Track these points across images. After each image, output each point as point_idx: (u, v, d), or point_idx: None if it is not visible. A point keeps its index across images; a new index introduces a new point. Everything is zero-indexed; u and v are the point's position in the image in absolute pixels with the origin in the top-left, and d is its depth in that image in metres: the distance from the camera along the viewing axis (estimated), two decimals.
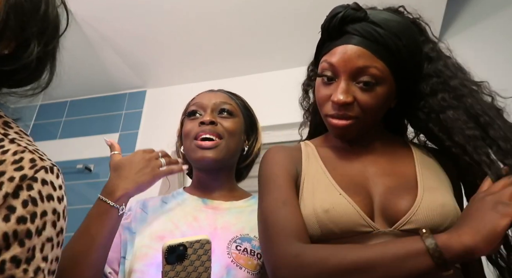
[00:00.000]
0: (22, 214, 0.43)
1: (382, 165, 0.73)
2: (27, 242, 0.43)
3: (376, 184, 0.69)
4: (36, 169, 0.46)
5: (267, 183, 0.73)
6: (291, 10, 1.84)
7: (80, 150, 2.31)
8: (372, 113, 0.70)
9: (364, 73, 0.67)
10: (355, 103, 0.68)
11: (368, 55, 0.67)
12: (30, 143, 0.50)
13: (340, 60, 0.68)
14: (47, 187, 0.47)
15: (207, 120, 0.87)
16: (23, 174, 0.44)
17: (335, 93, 0.68)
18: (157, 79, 2.37)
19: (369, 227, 0.62)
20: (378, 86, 0.68)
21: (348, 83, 0.68)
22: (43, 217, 0.45)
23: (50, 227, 0.46)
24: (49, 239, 0.46)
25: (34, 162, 0.46)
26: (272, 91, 2.17)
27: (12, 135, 0.50)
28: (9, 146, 0.47)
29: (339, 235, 0.62)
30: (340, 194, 0.65)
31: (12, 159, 0.45)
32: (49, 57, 0.56)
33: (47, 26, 0.53)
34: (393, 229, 0.62)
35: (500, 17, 1.87)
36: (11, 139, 0.48)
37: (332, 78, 0.70)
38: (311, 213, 0.65)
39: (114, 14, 1.88)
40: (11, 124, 0.52)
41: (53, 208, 0.47)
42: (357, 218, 0.62)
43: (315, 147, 0.79)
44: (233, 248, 0.78)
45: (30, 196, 0.44)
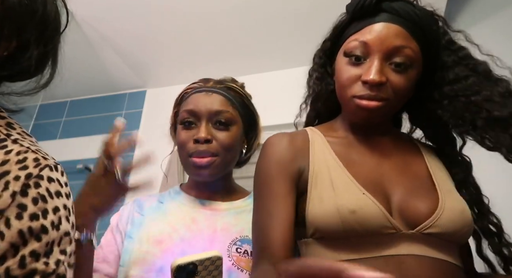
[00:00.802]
0: (34, 211, 0.44)
1: (395, 162, 0.70)
2: (44, 237, 0.44)
3: (391, 182, 0.66)
4: (41, 167, 0.47)
5: (261, 185, 0.70)
6: (291, 10, 1.84)
7: (80, 150, 2.31)
8: (401, 97, 0.67)
9: (399, 53, 0.65)
10: (387, 85, 0.65)
11: (405, 35, 0.65)
12: (32, 143, 0.51)
13: (376, 39, 0.65)
14: (54, 184, 0.47)
15: (202, 138, 0.81)
16: (28, 172, 0.45)
17: (367, 72, 0.65)
18: (157, 79, 2.37)
19: (393, 228, 0.60)
20: (410, 69, 0.66)
21: (382, 63, 0.65)
22: (56, 212, 0.46)
23: (65, 222, 0.47)
24: (67, 233, 0.47)
25: (38, 161, 0.47)
26: (272, 91, 2.17)
27: (15, 136, 0.50)
28: (12, 146, 0.47)
29: (362, 234, 0.61)
30: (364, 193, 0.62)
31: (16, 159, 0.46)
32: (50, 56, 0.56)
33: (45, 28, 0.53)
34: (415, 231, 0.61)
35: (500, 17, 1.87)
36: (13, 139, 0.49)
37: (360, 58, 0.67)
38: (334, 211, 0.61)
39: (114, 14, 1.88)
40: (14, 125, 0.53)
41: (63, 203, 0.48)
42: (383, 220, 0.60)
43: (324, 136, 0.74)
44: (233, 250, 0.77)
45: (39, 193, 0.45)
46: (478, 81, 0.68)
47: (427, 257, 0.60)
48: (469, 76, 0.69)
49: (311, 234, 0.65)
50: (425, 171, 0.70)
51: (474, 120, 0.67)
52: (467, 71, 0.69)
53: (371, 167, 0.68)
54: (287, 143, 0.72)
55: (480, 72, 0.69)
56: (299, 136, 0.74)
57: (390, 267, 0.58)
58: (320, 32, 0.82)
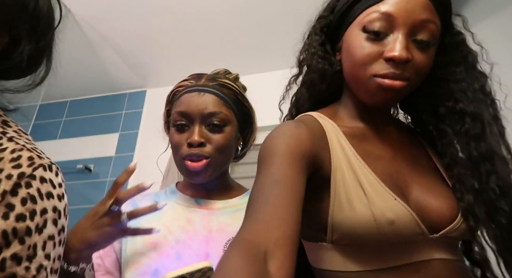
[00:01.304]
0: (21, 212, 0.42)
1: (405, 154, 0.65)
2: (27, 240, 0.42)
3: (406, 179, 0.61)
4: (34, 166, 0.46)
5: (266, 158, 0.56)
6: (291, 10, 1.84)
7: (80, 150, 2.31)
8: (421, 78, 0.62)
9: (425, 29, 0.58)
10: (410, 64, 0.59)
11: (431, 8, 0.59)
12: (28, 142, 0.50)
13: (402, 10, 0.58)
14: (46, 184, 0.46)
15: (195, 142, 0.79)
16: (21, 171, 0.44)
17: (392, 48, 0.58)
18: (157, 79, 2.37)
19: (422, 234, 0.56)
20: (433, 47, 0.60)
21: (407, 38, 0.58)
22: (43, 214, 0.45)
23: (51, 225, 0.46)
24: (51, 237, 0.46)
25: (32, 160, 0.46)
26: (272, 91, 2.16)
27: (11, 133, 0.49)
28: (7, 144, 0.47)
29: (395, 243, 0.55)
30: (395, 199, 0.56)
31: (10, 157, 0.45)
32: (44, 52, 0.55)
33: (37, 23, 0.52)
34: (440, 235, 0.57)
35: (500, 17, 1.87)
36: (9, 137, 0.48)
37: (379, 34, 0.59)
38: (370, 220, 0.54)
39: (114, 14, 1.88)
40: (10, 123, 0.52)
41: (53, 205, 0.46)
42: (416, 228, 0.55)
43: (337, 126, 0.65)
44: None
45: (29, 193, 0.44)
46: (464, 70, 0.65)
47: (450, 260, 0.57)
48: (460, 63, 0.65)
49: (333, 240, 0.57)
50: (433, 165, 0.66)
51: (438, 106, 0.64)
52: (459, 58, 0.66)
53: (387, 162, 0.62)
54: (305, 127, 0.60)
55: (468, 62, 0.65)
56: (312, 123, 0.64)
57: (420, 274, 0.55)
58: None
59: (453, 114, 0.63)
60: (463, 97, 0.63)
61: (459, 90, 0.63)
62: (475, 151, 0.61)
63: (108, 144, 2.29)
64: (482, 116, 0.61)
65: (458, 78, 0.64)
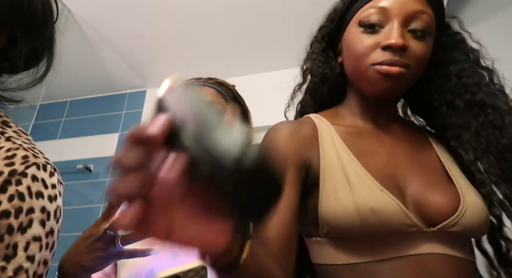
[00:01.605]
0: (6, 208, 0.41)
1: (406, 151, 0.66)
2: (6, 238, 0.41)
3: (405, 174, 0.62)
4: (27, 164, 0.45)
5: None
6: (291, 10, 1.84)
7: (80, 150, 2.31)
8: (421, 66, 0.64)
9: (419, 19, 0.62)
10: (409, 51, 0.62)
11: (423, 1, 0.64)
12: (27, 142, 0.50)
13: (395, 3, 0.62)
14: (37, 183, 0.45)
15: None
16: (12, 169, 0.43)
17: (388, 36, 0.61)
18: (157, 79, 2.37)
19: (414, 226, 0.56)
20: (429, 36, 0.64)
21: (402, 28, 0.62)
22: (29, 213, 0.43)
23: (38, 226, 0.44)
24: (36, 238, 0.44)
25: (26, 159, 0.45)
26: (272, 91, 2.16)
27: (9, 133, 0.49)
28: (4, 144, 0.46)
29: (383, 235, 0.57)
30: (382, 190, 0.58)
31: (5, 155, 0.44)
32: (43, 50, 0.55)
33: (32, 22, 0.51)
34: (437, 229, 0.57)
35: (500, 17, 1.87)
36: (7, 137, 0.48)
37: (374, 26, 0.64)
38: (353, 210, 0.56)
39: (114, 14, 1.88)
40: (10, 124, 0.52)
41: (42, 205, 0.45)
42: (404, 218, 0.56)
43: (331, 124, 0.68)
44: None
45: (17, 190, 0.43)
46: (472, 66, 0.68)
47: (449, 256, 0.56)
48: (465, 60, 0.68)
49: (324, 233, 0.60)
50: (437, 161, 0.66)
51: (454, 99, 0.66)
52: (463, 56, 0.69)
53: (383, 158, 0.64)
54: (293, 130, 0.65)
55: (472, 59, 0.69)
56: (305, 124, 0.68)
57: (413, 267, 0.55)
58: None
59: (473, 106, 0.65)
60: (478, 90, 0.65)
61: (473, 84, 0.66)
62: (502, 140, 0.63)
63: (108, 144, 2.29)
64: (500, 107, 0.64)
65: (469, 73, 0.67)
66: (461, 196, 0.59)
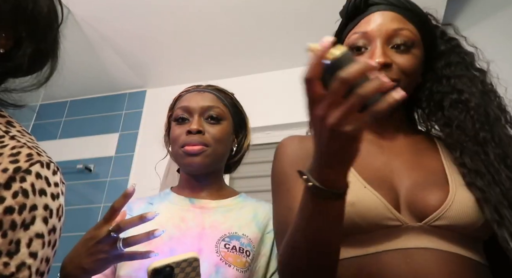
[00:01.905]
0: (10, 204, 0.42)
1: (407, 158, 0.70)
2: (9, 234, 0.41)
3: (401, 177, 0.66)
4: (32, 162, 0.46)
5: (277, 184, 0.72)
6: (291, 10, 1.84)
7: (80, 150, 2.31)
8: (411, 77, 0.68)
9: (399, 35, 0.68)
10: (393, 67, 0.67)
11: (400, 19, 0.69)
12: (30, 141, 0.51)
13: (374, 25, 0.69)
14: (41, 181, 0.46)
15: (194, 129, 0.86)
16: (17, 166, 0.44)
17: (371, 57, 0.67)
18: (157, 79, 2.37)
19: (397, 220, 0.60)
20: (413, 48, 0.69)
21: (384, 46, 0.68)
22: (32, 210, 0.44)
23: (41, 223, 0.45)
24: (39, 235, 0.44)
25: (30, 156, 0.46)
26: (272, 91, 2.17)
27: (14, 133, 0.50)
28: (8, 142, 0.47)
29: (366, 229, 0.60)
30: (365, 187, 0.62)
31: (9, 152, 0.45)
32: (47, 53, 0.56)
33: (37, 24, 0.52)
34: (423, 224, 0.59)
35: (500, 17, 1.87)
36: (11, 136, 0.49)
37: (360, 48, 0.70)
38: None
39: (114, 14, 1.88)
40: (14, 124, 0.53)
41: (45, 203, 0.46)
42: (384, 211, 0.60)
43: None
44: (221, 246, 0.79)
45: (21, 187, 0.43)
46: (465, 68, 0.71)
47: (438, 250, 0.58)
48: (459, 63, 0.72)
49: None
50: (440, 165, 0.68)
51: (443, 99, 0.70)
52: (458, 59, 0.73)
53: (379, 164, 0.68)
54: (298, 144, 0.74)
55: (467, 61, 0.72)
56: (309, 139, 0.72)
57: (398, 260, 0.58)
58: (320, 31, 0.82)
59: (458, 104, 0.69)
60: (466, 90, 0.68)
61: (461, 84, 0.69)
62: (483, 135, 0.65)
63: (108, 144, 2.29)
64: (486, 106, 0.67)
65: (459, 74, 0.70)
66: (451, 192, 0.61)
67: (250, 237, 0.82)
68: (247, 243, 0.81)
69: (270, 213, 0.83)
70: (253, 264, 0.81)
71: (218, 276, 0.75)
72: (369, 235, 0.60)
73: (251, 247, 0.81)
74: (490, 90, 0.70)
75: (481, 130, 0.65)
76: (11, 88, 0.54)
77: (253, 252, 0.81)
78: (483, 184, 0.61)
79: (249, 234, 0.82)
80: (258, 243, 0.83)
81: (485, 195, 0.60)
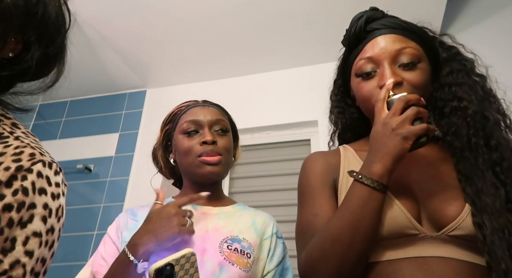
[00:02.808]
0: (9, 202, 0.42)
1: (425, 168, 0.72)
2: (6, 231, 0.41)
3: (421, 188, 0.69)
4: (34, 161, 0.46)
5: (303, 194, 0.77)
6: (292, 10, 1.84)
7: (80, 150, 2.31)
8: (422, 90, 0.72)
9: (403, 54, 0.72)
10: (404, 84, 0.70)
11: (401, 39, 0.73)
12: (34, 142, 0.51)
13: (378, 50, 0.73)
14: (42, 180, 0.46)
15: (210, 140, 0.91)
16: (19, 165, 0.45)
17: (382, 78, 0.71)
18: (157, 79, 2.37)
19: (416, 229, 0.63)
20: (419, 63, 0.72)
21: (392, 67, 0.71)
22: (30, 208, 0.44)
23: (39, 221, 0.45)
24: (37, 233, 0.44)
25: (33, 156, 0.47)
26: (273, 91, 2.17)
27: (18, 134, 0.51)
28: (12, 142, 0.48)
29: (386, 237, 0.64)
30: (387, 196, 0.65)
31: (13, 152, 0.46)
32: (55, 57, 0.57)
33: (46, 28, 0.53)
34: (441, 233, 0.62)
35: (500, 17, 1.87)
36: (16, 136, 0.49)
37: (370, 73, 0.74)
38: None
39: (114, 14, 1.88)
40: (18, 125, 0.54)
41: (44, 202, 0.46)
42: (404, 221, 0.63)
43: (355, 151, 0.80)
44: (224, 247, 0.81)
45: (22, 185, 0.44)
46: (466, 75, 0.74)
47: (454, 259, 0.61)
48: (460, 70, 0.75)
49: None
50: (454, 174, 0.71)
51: (445, 106, 0.73)
52: (459, 66, 0.76)
53: (400, 174, 0.70)
54: (322, 160, 0.79)
55: (467, 67, 0.75)
56: (332, 152, 0.82)
57: (415, 268, 0.60)
58: (322, 32, 0.83)
59: (457, 111, 0.71)
60: (466, 97, 0.71)
61: (462, 92, 0.72)
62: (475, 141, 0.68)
63: (108, 144, 2.29)
64: (485, 111, 0.69)
65: (460, 82, 0.73)
66: (467, 204, 0.64)
67: (250, 241, 0.85)
68: (247, 246, 0.84)
69: (267, 221, 0.92)
70: (254, 267, 0.83)
71: (222, 274, 0.77)
72: (387, 242, 0.64)
73: (251, 250, 0.84)
74: (490, 95, 0.73)
75: (474, 136, 0.68)
76: (18, 91, 0.55)
77: (253, 254, 0.83)
78: (471, 192, 0.64)
79: (248, 239, 0.85)
80: (257, 248, 0.86)
81: (473, 202, 0.63)
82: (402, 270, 0.61)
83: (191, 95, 1.05)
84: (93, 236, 2.00)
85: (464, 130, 0.69)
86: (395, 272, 0.62)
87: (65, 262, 1.90)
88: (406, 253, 0.62)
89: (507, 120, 0.71)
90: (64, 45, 0.58)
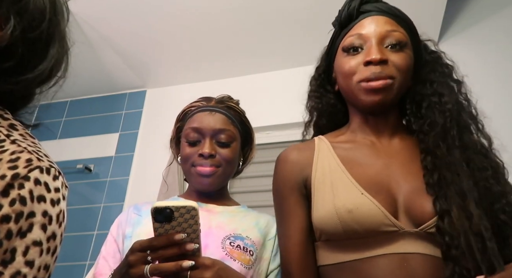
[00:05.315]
0: (7, 213, 0.40)
1: (403, 162, 0.72)
2: (5, 243, 0.40)
3: (398, 182, 0.68)
4: (30, 168, 0.44)
5: (276, 206, 0.79)
6: (291, 10, 1.84)
7: (80, 150, 2.31)
8: (406, 73, 0.73)
9: (392, 36, 0.73)
10: (389, 63, 0.71)
11: (392, 22, 0.74)
12: (32, 145, 0.49)
13: (368, 28, 0.74)
14: (40, 187, 0.44)
15: (206, 153, 0.88)
16: (16, 172, 0.43)
17: (368, 54, 0.71)
18: (157, 79, 2.37)
19: (394, 226, 0.62)
20: (405, 48, 0.73)
21: (379, 46, 0.72)
22: (29, 218, 0.42)
23: (39, 230, 0.43)
24: (37, 242, 0.43)
25: (30, 162, 0.45)
26: (273, 91, 2.16)
27: (15, 136, 0.49)
28: (9, 146, 0.46)
29: (363, 235, 0.63)
30: (362, 193, 0.65)
31: (8, 158, 0.44)
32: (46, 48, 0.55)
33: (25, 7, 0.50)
34: (419, 230, 0.62)
35: (500, 17, 1.87)
36: (12, 140, 0.47)
37: (357, 48, 0.74)
38: (332, 212, 0.65)
39: (114, 14, 1.88)
40: (17, 127, 0.52)
41: (43, 209, 0.44)
42: (381, 218, 0.62)
43: (330, 143, 0.78)
44: (227, 244, 0.82)
45: (19, 194, 0.42)
46: (445, 78, 0.76)
47: (433, 256, 0.60)
48: (442, 72, 0.77)
49: (318, 237, 0.70)
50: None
51: (423, 100, 0.74)
52: (441, 68, 0.78)
53: (377, 168, 0.70)
54: (294, 157, 0.78)
55: (446, 72, 0.77)
56: (306, 147, 0.80)
57: (394, 264, 0.60)
58: (321, 32, 0.83)
59: (436, 105, 0.73)
60: (446, 93, 0.73)
61: (442, 89, 0.73)
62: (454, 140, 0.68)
63: (108, 144, 2.29)
64: (461, 111, 0.72)
65: (441, 81, 0.75)
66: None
67: (253, 240, 0.85)
68: (250, 244, 0.84)
69: (270, 223, 0.90)
70: (256, 265, 0.83)
71: None
72: (366, 239, 0.63)
73: (254, 248, 0.83)
74: (465, 99, 0.75)
75: (450, 128, 0.69)
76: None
77: (256, 253, 0.83)
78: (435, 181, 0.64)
79: (252, 237, 0.85)
80: (261, 247, 0.86)
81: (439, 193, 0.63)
82: (381, 266, 0.61)
83: (191, 95, 1.05)
84: (93, 236, 2.00)
85: (441, 120, 0.69)
86: (374, 269, 0.61)
87: (65, 262, 1.90)
88: (384, 250, 0.62)
89: (479, 125, 0.72)
90: (54, 34, 0.55)
